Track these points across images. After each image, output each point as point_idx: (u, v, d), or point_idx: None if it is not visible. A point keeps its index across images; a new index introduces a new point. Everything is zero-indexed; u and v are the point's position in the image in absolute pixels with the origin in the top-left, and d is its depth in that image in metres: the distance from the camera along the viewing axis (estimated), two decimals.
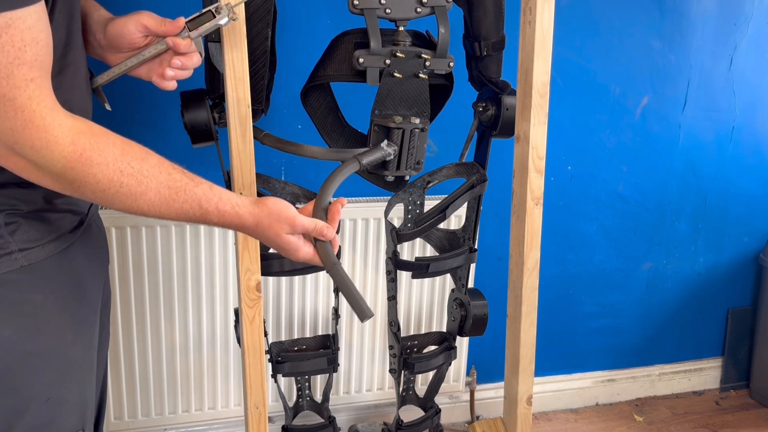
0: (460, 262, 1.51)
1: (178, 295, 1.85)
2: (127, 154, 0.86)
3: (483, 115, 1.47)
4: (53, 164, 0.80)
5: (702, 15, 2.16)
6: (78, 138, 0.81)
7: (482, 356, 2.22)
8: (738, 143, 2.34)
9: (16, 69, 0.73)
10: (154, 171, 0.88)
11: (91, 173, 0.82)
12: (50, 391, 0.93)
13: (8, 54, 0.71)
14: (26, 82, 0.74)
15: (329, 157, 1.33)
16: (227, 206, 0.95)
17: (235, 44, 1.15)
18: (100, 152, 0.83)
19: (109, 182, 0.84)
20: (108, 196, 0.85)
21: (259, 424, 1.34)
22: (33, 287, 0.89)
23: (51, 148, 0.79)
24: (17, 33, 0.71)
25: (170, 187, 0.90)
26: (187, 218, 0.94)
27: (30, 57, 0.74)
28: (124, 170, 0.85)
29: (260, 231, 0.99)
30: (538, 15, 1.33)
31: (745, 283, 2.53)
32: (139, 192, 0.87)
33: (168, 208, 0.90)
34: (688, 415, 2.43)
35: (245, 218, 0.97)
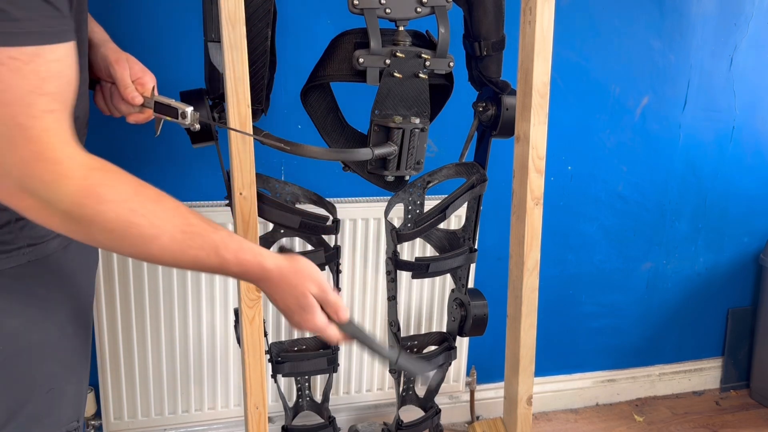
0: (460, 262, 1.51)
1: (178, 295, 1.85)
2: (140, 194, 0.81)
3: (483, 115, 1.47)
4: (62, 199, 0.76)
5: (702, 15, 2.16)
6: (90, 173, 0.77)
7: (482, 356, 2.22)
8: (738, 143, 2.34)
9: (36, 98, 0.71)
10: (169, 214, 0.83)
11: (101, 211, 0.78)
12: (52, 382, 0.95)
13: (30, 82, 0.70)
14: (44, 114, 0.72)
15: (329, 157, 1.33)
16: (248, 255, 0.90)
17: (235, 44, 1.15)
18: (112, 189, 0.79)
19: (119, 221, 0.79)
20: (116, 237, 0.80)
21: (259, 424, 1.34)
22: (38, 281, 0.91)
23: (61, 181, 0.75)
24: (43, 63, 0.71)
25: (185, 232, 0.84)
26: (203, 266, 0.88)
27: (53, 89, 0.73)
28: (136, 210, 0.80)
29: (283, 286, 0.93)
30: (538, 15, 1.33)
31: (745, 283, 2.53)
32: (150, 235, 0.81)
33: (182, 254, 0.84)
34: (688, 415, 2.43)
35: (269, 270, 0.91)
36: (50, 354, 0.94)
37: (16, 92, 0.70)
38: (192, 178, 1.83)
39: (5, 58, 0.68)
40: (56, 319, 0.94)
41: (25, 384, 0.92)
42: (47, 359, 0.94)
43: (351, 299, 1.99)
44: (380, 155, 1.30)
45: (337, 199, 1.93)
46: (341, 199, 1.94)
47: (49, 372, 0.94)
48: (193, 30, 1.61)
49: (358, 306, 2.00)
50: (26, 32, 0.69)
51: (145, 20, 1.71)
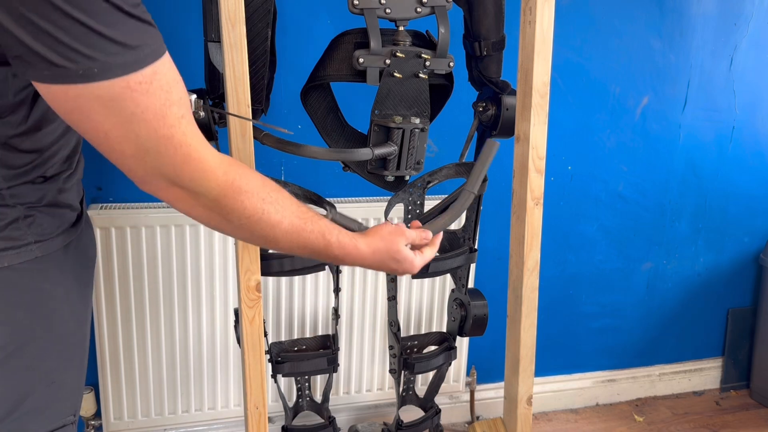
0: (460, 262, 1.51)
1: (178, 295, 1.85)
2: (267, 184, 0.94)
3: (483, 115, 1.47)
4: (209, 192, 0.87)
5: (702, 15, 2.16)
6: (229, 168, 0.88)
7: (482, 356, 2.22)
8: (738, 143, 2.34)
9: (168, 110, 0.79)
10: (288, 202, 0.96)
11: (239, 200, 0.89)
12: (54, 375, 0.98)
13: (160, 97, 0.78)
14: (178, 120, 0.81)
15: (329, 157, 1.33)
16: (346, 239, 1.02)
17: (235, 44, 1.15)
18: (247, 181, 0.90)
19: (254, 209, 0.91)
20: (252, 223, 0.92)
21: (259, 424, 1.34)
22: (44, 277, 0.95)
23: (208, 177, 0.86)
24: (162, 77, 0.78)
25: (300, 218, 0.97)
26: (312, 250, 1.00)
27: (176, 97, 0.80)
28: (266, 198, 0.92)
29: (378, 258, 1.07)
30: (538, 15, 1.33)
31: (745, 283, 2.53)
32: (276, 221, 0.94)
33: (298, 237, 0.97)
34: (689, 415, 2.43)
35: (363, 250, 1.04)
36: (53, 348, 0.97)
37: (151, 110, 0.78)
38: None
39: (135, 84, 0.76)
40: (60, 314, 0.98)
41: (29, 376, 0.94)
42: (51, 353, 0.97)
43: (351, 299, 1.99)
44: (380, 155, 1.30)
45: (337, 199, 1.93)
46: (341, 199, 1.94)
47: (51, 365, 0.97)
48: (193, 30, 1.61)
49: (358, 306, 2.00)
50: (144, 56, 0.76)
51: None
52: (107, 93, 0.75)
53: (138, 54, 0.76)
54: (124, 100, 0.76)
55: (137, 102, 0.77)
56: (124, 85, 0.75)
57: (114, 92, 0.75)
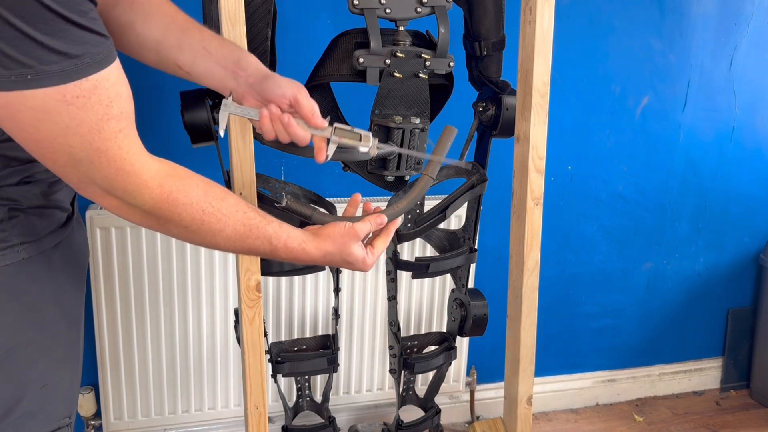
0: (460, 262, 1.51)
1: (178, 295, 1.85)
2: (209, 194, 0.93)
3: (483, 115, 1.47)
4: (143, 204, 0.87)
5: (702, 15, 2.16)
6: (165, 181, 0.88)
7: (482, 356, 2.22)
8: (738, 143, 2.34)
9: (106, 124, 0.79)
10: (232, 210, 0.95)
11: (176, 212, 0.90)
12: (46, 378, 0.97)
13: (98, 112, 0.78)
14: (115, 134, 0.80)
15: None
16: (294, 243, 1.02)
17: None
18: (185, 194, 0.90)
19: (192, 220, 0.91)
20: (190, 233, 0.93)
21: (259, 424, 1.34)
22: (32, 279, 0.94)
23: (141, 191, 0.86)
24: (104, 92, 0.77)
25: (245, 225, 0.97)
26: (257, 253, 1.02)
27: (116, 111, 0.80)
28: (206, 209, 0.92)
29: (329, 259, 1.05)
30: (538, 15, 1.33)
31: (745, 283, 2.53)
32: (217, 229, 0.94)
33: (242, 243, 0.98)
34: (689, 415, 2.43)
35: (312, 253, 1.04)
36: (44, 350, 0.96)
37: (87, 124, 0.77)
38: None
39: (71, 98, 0.75)
40: (50, 316, 0.97)
41: (20, 380, 0.93)
42: (41, 355, 0.96)
43: (351, 299, 1.99)
44: (380, 155, 1.30)
45: (337, 199, 1.93)
46: (341, 199, 1.94)
47: (43, 368, 0.96)
48: None
49: (358, 306, 2.00)
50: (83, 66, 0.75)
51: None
52: (41, 104, 0.74)
53: (77, 63, 0.74)
54: (58, 113, 0.75)
55: (72, 116, 0.76)
56: (59, 97, 0.74)
57: (48, 105, 0.74)
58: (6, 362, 0.91)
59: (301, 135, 1.07)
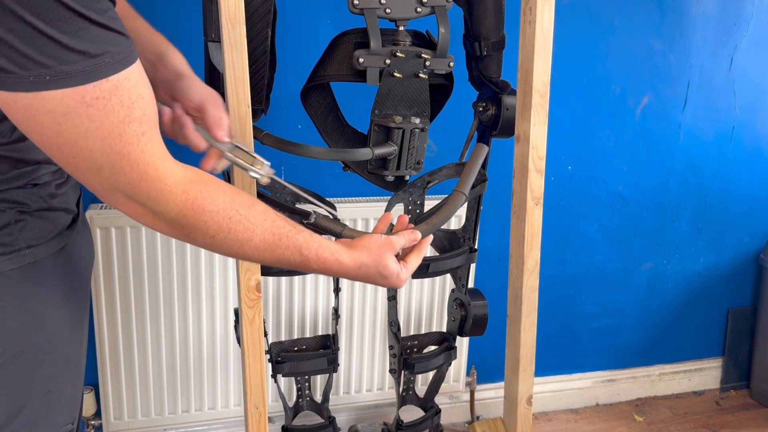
0: (460, 262, 1.51)
1: (178, 295, 1.85)
2: (236, 201, 0.90)
3: (483, 115, 1.46)
4: (168, 211, 0.84)
5: (702, 15, 2.16)
6: (190, 187, 0.85)
7: (482, 356, 2.22)
8: (738, 143, 2.34)
9: (127, 127, 0.76)
10: (260, 218, 0.92)
11: (202, 220, 0.87)
12: (49, 384, 0.95)
13: (119, 114, 0.75)
14: (138, 137, 0.78)
15: (329, 157, 1.33)
16: (327, 253, 0.98)
17: (235, 44, 1.15)
18: (211, 200, 0.87)
19: (218, 229, 0.88)
20: (217, 242, 0.90)
21: (259, 424, 1.34)
22: (37, 283, 0.92)
23: (165, 197, 0.83)
24: (125, 93, 0.75)
25: (274, 234, 0.93)
26: (288, 264, 0.97)
27: (138, 113, 0.77)
28: (232, 217, 0.89)
29: (363, 271, 1.02)
30: (538, 15, 1.33)
31: (745, 283, 2.53)
32: (245, 238, 0.91)
33: (271, 253, 0.94)
34: (688, 415, 2.43)
35: (346, 264, 1.01)
36: (48, 356, 0.95)
37: (108, 127, 0.75)
38: None
39: (91, 99, 0.73)
40: (54, 321, 0.95)
41: (24, 386, 0.92)
42: (46, 361, 0.94)
43: (351, 299, 1.99)
44: (380, 155, 1.30)
45: (337, 199, 1.93)
46: (341, 199, 1.94)
47: (47, 374, 0.95)
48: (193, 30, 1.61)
49: (358, 306, 2.00)
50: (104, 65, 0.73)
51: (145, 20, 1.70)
52: (60, 107, 0.72)
53: (97, 63, 0.72)
54: (78, 115, 0.73)
55: (92, 118, 0.73)
56: (78, 99, 0.72)
57: (67, 106, 0.72)
58: (10, 368, 0.90)
59: (195, 141, 1.06)
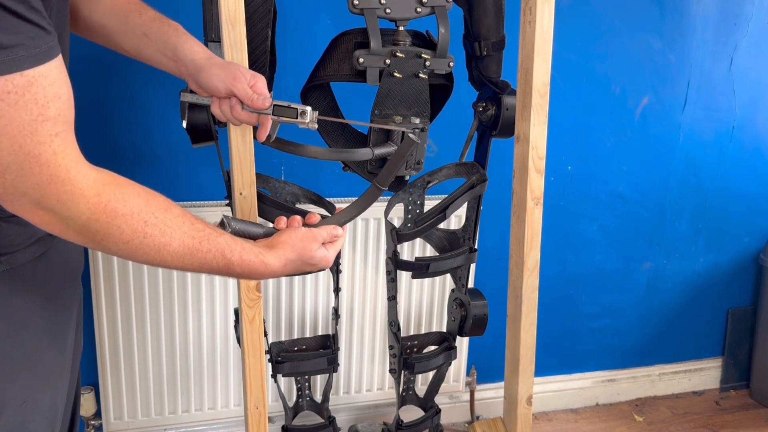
0: (460, 262, 1.51)
1: (178, 295, 1.85)
2: (151, 204, 0.85)
3: (483, 115, 1.47)
4: (78, 216, 0.79)
5: (702, 15, 2.16)
6: (103, 189, 0.80)
7: (482, 356, 2.22)
8: (738, 143, 2.34)
9: (40, 126, 0.72)
10: (178, 221, 0.87)
11: (115, 224, 0.81)
12: (26, 395, 0.93)
13: (32, 111, 0.71)
14: (51, 138, 0.73)
15: (329, 157, 1.33)
16: (251, 255, 0.94)
17: (235, 44, 1.15)
18: (125, 203, 0.82)
19: (133, 233, 0.83)
20: (132, 248, 0.84)
21: (259, 424, 1.34)
22: (13, 291, 0.90)
23: (76, 200, 0.78)
24: (40, 90, 0.71)
25: (194, 237, 0.88)
26: (210, 269, 0.92)
27: (53, 112, 0.73)
28: (148, 221, 0.84)
29: (290, 267, 0.98)
30: (538, 15, 1.33)
31: (745, 283, 2.53)
32: (162, 243, 0.85)
33: (192, 258, 0.89)
34: (688, 415, 2.43)
35: (272, 264, 0.96)
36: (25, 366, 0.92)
37: (18, 124, 0.71)
38: (192, 178, 1.83)
39: (2, 93, 0.69)
40: (31, 330, 0.93)
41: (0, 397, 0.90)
42: (22, 371, 0.92)
43: (351, 299, 1.99)
44: (380, 155, 1.30)
45: (337, 199, 1.93)
46: (341, 199, 1.94)
47: (22, 384, 0.92)
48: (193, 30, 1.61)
49: (358, 306, 2.00)
50: (17, 58, 0.68)
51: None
52: None
53: (9, 55, 0.68)
54: None
55: (1, 113, 0.69)
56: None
57: None
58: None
59: (244, 118, 1.07)
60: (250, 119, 1.08)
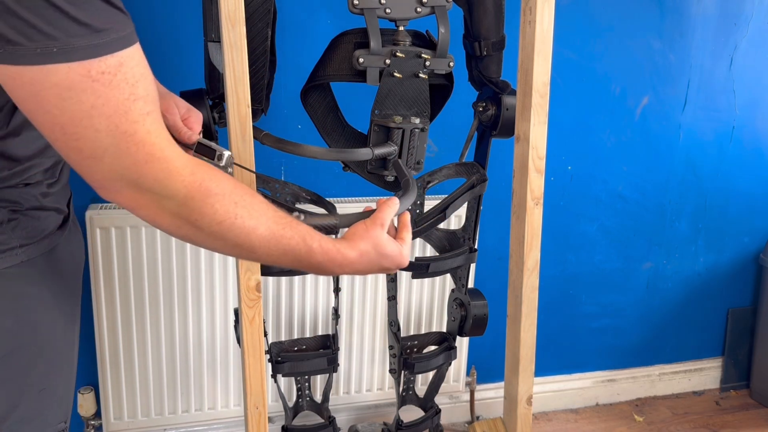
0: (460, 262, 1.51)
1: (178, 295, 1.85)
2: (238, 187, 0.88)
3: (483, 115, 1.47)
4: (175, 194, 0.81)
5: (702, 15, 2.16)
6: (197, 169, 0.83)
7: (482, 356, 2.22)
8: (738, 143, 2.34)
9: (133, 104, 0.75)
10: (263, 206, 0.90)
11: (209, 203, 0.83)
12: (43, 382, 0.95)
13: (124, 91, 0.74)
14: (143, 116, 0.76)
15: (329, 157, 1.33)
16: (329, 244, 0.95)
17: (235, 44, 1.15)
18: (217, 183, 0.84)
19: (226, 213, 0.85)
20: (224, 230, 0.86)
21: (259, 424, 1.34)
22: (30, 282, 0.92)
23: (173, 177, 0.80)
24: (129, 70, 0.74)
25: (278, 223, 0.90)
26: (293, 256, 0.93)
27: (143, 92, 0.76)
28: (238, 202, 0.86)
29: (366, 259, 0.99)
30: (538, 15, 1.33)
31: (745, 283, 2.53)
32: (252, 226, 0.87)
33: (277, 243, 0.90)
34: (688, 415, 2.43)
35: (349, 254, 0.97)
36: (42, 354, 0.95)
37: (113, 103, 0.73)
38: None
39: (96, 73, 0.71)
40: (47, 319, 0.95)
41: (18, 384, 0.92)
42: (39, 359, 0.94)
43: (351, 299, 1.99)
44: (380, 155, 1.30)
45: (337, 199, 1.93)
46: (341, 199, 1.94)
47: (40, 372, 0.94)
48: (193, 30, 1.61)
49: (358, 306, 2.00)
50: (110, 41, 0.71)
51: (146, 20, 1.71)
52: (65, 80, 0.70)
53: (103, 38, 0.71)
54: (83, 90, 0.71)
55: (98, 93, 0.72)
56: (84, 72, 0.70)
57: (72, 80, 0.70)
58: (3, 366, 0.90)
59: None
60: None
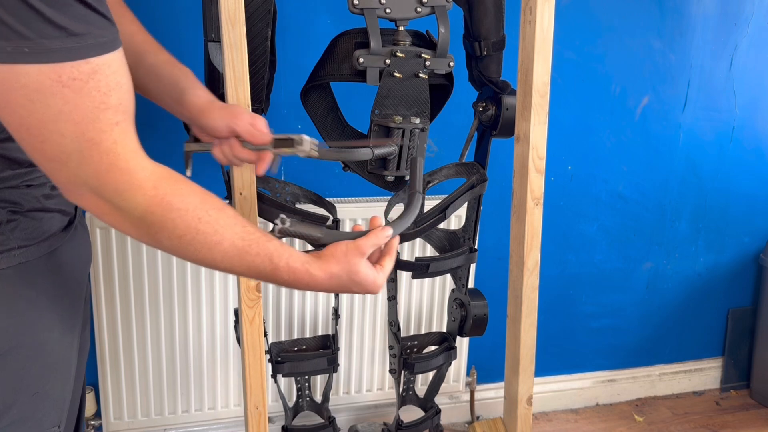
0: (460, 262, 1.51)
1: (178, 295, 1.85)
2: (206, 202, 0.87)
3: (483, 115, 1.47)
4: (135, 207, 0.81)
5: (702, 15, 2.16)
6: (160, 183, 0.82)
7: (482, 356, 2.22)
8: (738, 143, 2.34)
9: (102, 113, 0.74)
10: (230, 222, 0.89)
11: (170, 218, 0.83)
12: (37, 385, 0.94)
13: (94, 99, 0.73)
14: (111, 126, 0.75)
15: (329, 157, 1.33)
16: (297, 263, 0.94)
17: (235, 44, 1.15)
18: (180, 198, 0.84)
19: (187, 228, 0.85)
20: (183, 243, 0.86)
21: (259, 424, 1.34)
22: (28, 284, 0.91)
23: (134, 190, 0.80)
24: (103, 78, 0.73)
25: (244, 239, 0.90)
26: (257, 273, 0.93)
27: (115, 101, 0.75)
28: (202, 218, 0.86)
29: (336, 282, 0.97)
30: (538, 15, 1.33)
31: (745, 283, 2.53)
32: (214, 241, 0.87)
33: (240, 260, 0.90)
34: (689, 415, 2.43)
35: (317, 275, 0.95)
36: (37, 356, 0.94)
37: (82, 110, 0.73)
38: (192, 178, 1.83)
39: (67, 79, 0.71)
40: (44, 322, 0.94)
41: (12, 386, 0.91)
42: (34, 361, 0.93)
43: (351, 299, 1.99)
44: (380, 155, 1.30)
45: (337, 199, 1.93)
46: (341, 199, 1.94)
47: (35, 374, 0.94)
48: (193, 30, 1.61)
49: (358, 306, 2.00)
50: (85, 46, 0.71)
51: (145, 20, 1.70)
52: (34, 82, 0.69)
53: (78, 43, 0.70)
54: (52, 95, 0.70)
55: (67, 99, 0.71)
56: (54, 77, 0.70)
57: (41, 83, 0.69)
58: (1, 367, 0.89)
59: (245, 156, 1.10)
60: (251, 157, 1.11)
